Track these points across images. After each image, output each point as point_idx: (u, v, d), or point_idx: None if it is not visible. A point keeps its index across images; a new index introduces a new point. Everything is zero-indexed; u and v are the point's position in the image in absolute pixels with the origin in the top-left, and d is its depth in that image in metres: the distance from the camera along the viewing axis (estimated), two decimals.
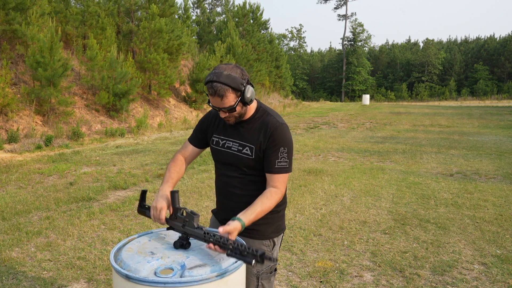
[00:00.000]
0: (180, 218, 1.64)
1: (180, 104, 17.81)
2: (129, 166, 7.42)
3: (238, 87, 1.62)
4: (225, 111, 1.68)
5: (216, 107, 1.68)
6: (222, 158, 1.84)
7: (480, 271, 3.26)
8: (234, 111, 1.68)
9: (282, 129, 1.74)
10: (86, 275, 3.16)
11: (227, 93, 1.61)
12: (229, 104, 1.64)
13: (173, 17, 18.11)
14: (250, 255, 1.38)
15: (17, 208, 4.81)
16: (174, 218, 1.67)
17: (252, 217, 1.61)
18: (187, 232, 1.60)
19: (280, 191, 1.73)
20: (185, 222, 1.61)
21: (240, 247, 1.41)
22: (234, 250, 1.42)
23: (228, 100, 1.63)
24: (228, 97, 1.63)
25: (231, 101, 1.64)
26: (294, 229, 4.21)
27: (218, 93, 1.61)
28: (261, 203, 1.66)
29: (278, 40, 46.22)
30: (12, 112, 9.99)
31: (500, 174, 6.81)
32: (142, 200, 1.84)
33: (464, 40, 60.36)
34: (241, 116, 1.75)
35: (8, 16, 10.66)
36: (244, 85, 1.65)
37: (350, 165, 7.81)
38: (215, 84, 1.61)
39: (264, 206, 1.67)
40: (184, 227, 1.61)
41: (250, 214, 1.61)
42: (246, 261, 1.38)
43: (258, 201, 1.67)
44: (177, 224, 1.65)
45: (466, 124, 15.70)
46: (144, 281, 1.30)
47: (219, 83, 1.60)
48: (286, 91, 32.40)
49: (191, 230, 1.58)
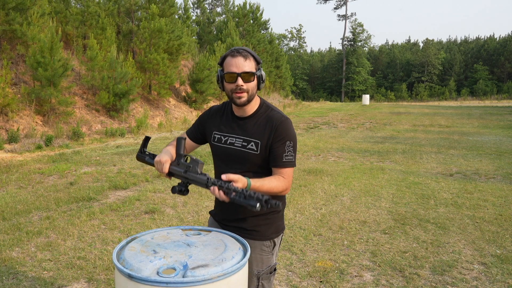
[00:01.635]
0: (183, 165, 1.60)
1: (180, 104, 17.81)
2: (129, 166, 7.42)
3: (258, 59, 1.72)
4: (244, 77, 1.67)
5: (235, 72, 1.66)
6: (225, 154, 1.82)
7: (480, 271, 3.27)
8: (252, 80, 1.69)
9: (287, 123, 1.74)
10: (86, 275, 3.17)
11: (250, 57, 1.68)
12: (250, 69, 1.67)
13: (173, 17, 18.11)
14: (255, 199, 1.36)
15: (18, 208, 4.82)
16: (176, 165, 1.63)
17: (258, 184, 1.59)
18: (188, 177, 1.56)
19: (288, 181, 1.72)
20: (188, 168, 1.57)
21: (245, 192, 1.39)
22: (238, 194, 1.40)
23: (250, 64, 1.68)
24: (251, 62, 1.68)
25: (252, 67, 1.68)
26: (294, 229, 4.21)
27: (242, 53, 1.67)
28: (269, 180, 1.66)
29: (278, 40, 46.22)
30: (12, 112, 10.00)
31: (500, 174, 6.81)
32: (144, 146, 1.80)
33: (464, 40, 60.35)
34: (251, 98, 1.73)
35: (8, 16, 10.66)
36: (260, 65, 1.74)
37: (350, 165, 7.81)
38: (239, 49, 1.69)
39: (272, 184, 1.65)
40: (186, 172, 1.57)
41: (257, 181, 1.59)
42: (251, 205, 1.36)
43: (267, 178, 1.67)
44: (178, 170, 1.61)
45: (466, 124, 15.70)
46: (146, 280, 1.30)
47: (243, 49, 1.69)
48: (286, 91, 32.39)
49: (194, 175, 1.54)
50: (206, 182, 1.50)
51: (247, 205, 1.38)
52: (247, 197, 1.38)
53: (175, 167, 1.64)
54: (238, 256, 1.49)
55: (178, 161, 1.63)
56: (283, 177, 1.71)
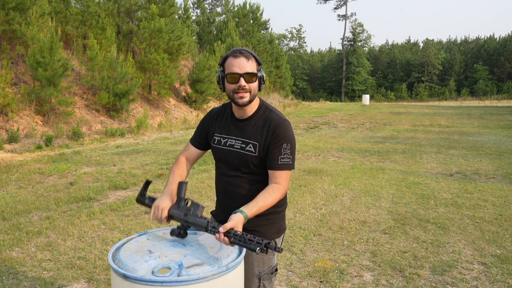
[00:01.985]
0: (183, 208, 1.61)
1: (180, 104, 17.82)
2: (129, 166, 7.42)
3: (259, 60, 1.73)
4: (246, 78, 1.67)
5: (236, 73, 1.66)
6: (224, 156, 1.82)
7: (480, 271, 3.27)
8: (254, 80, 1.69)
9: (285, 126, 1.73)
10: (86, 275, 3.17)
11: (251, 58, 1.69)
12: (252, 70, 1.68)
13: (173, 17, 18.12)
14: (254, 243, 1.38)
15: (18, 208, 4.82)
16: (176, 208, 1.64)
17: (255, 210, 1.59)
18: (188, 220, 1.58)
19: (283, 187, 1.71)
20: (188, 212, 1.59)
21: (245, 235, 1.40)
22: (238, 238, 1.41)
23: (252, 64, 1.68)
24: (253, 63, 1.69)
25: (254, 68, 1.69)
26: (294, 229, 4.21)
27: (244, 54, 1.67)
28: (263, 198, 1.64)
29: (278, 40, 46.22)
30: (12, 112, 10.00)
31: (500, 174, 6.81)
32: (144, 189, 1.81)
33: (464, 40, 60.35)
34: (253, 98, 1.73)
35: (8, 16, 10.67)
36: (261, 67, 1.75)
37: (350, 165, 7.81)
38: (241, 49, 1.69)
39: (266, 201, 1.64)
40: (187, 216, 1.59)
41: (252, 207, 1.59)
42: (251, 249, 1.37)
43: (260, 195, 1.65)
44: (178, 213, 1.62)
45: (466, 124, 15.70)
46: (141, 280, 1.30)
47: (244, 50, 1.70)
48: (286, 91, 32.39)
49: (194, 219, 1.56)
50: (206, 226, 1.52)
51: (248, 249, 1.41)
52: (247, 241, 1.40)
53: (175, 210, 1.64)
54: (233, 254, 1.50)
55: (178, 204, 1.64)
56: (278, 183, 1.70)
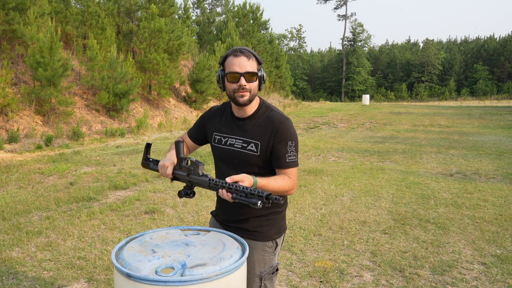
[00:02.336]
0: (185, 168, 1.63)
1: (180, 104, 17.81)
2: (129, 166, 7.42)
3: (260, 60, 1.72)
4: (247, 77, 1.66)
5: (237, 72, 1.65)
6: (225, 156, 1.81)
7: (480, 271, 3.27)
8: (255, 80, 1.69)
9: (287, 124, 1.73)
10: (86, 275, 3.17)
11: (252, 57, 1.68)
12: (253, 69, 1.67)
13: (173, 17, 18.12)
14: (256, 196, 1.37)
15: (18, 208, 4.82)
16: (178, 168, 1.66)
17: (265, 182, 1.58)
18: (192, 180, 1.60)
19: (293, 181, 1.71)
20: (190, 171, 1.61)
21: (246, 189, 1.39)
22: (239, 193, 1.41)
23: (252, 64, 1.67)
24: (253, 62, 1.68)
25: (254, 67, 1.68)
26: (294, 229, 4.21)
27: (245, 53, 1.67)
28: (275, 179, 1.65)
29: (278, 40, 46.21)
30: (12, 112, 10.00)
31: (500, 174, 6.81)
32: (147, 153, 1.85)
33: (464, 40, 60.37)
34: (252, 98, 1.72)
35: (8, 16, 10.67)
36: (262, 64, 1.74)
37: (350, 165, 7.81)
38: (242, 49, 1.69)
39: (278, 182, 1.64)
40: (189, 175, 1.61)
41: (263, 179, 1.59)
42: (252, 203, 1.36)
43: (272, 177, 1.66)
44: (181, 174, 1.65)
45: (466, 124, 15.70)
46: (145, 279, 1.30)
47: (244, 49, 1.69)
48: (286, 91, 32.40)
49: (196, 178, 1.58)
50: (208, 183, 1.53)
51: (249, 203, 1.38)
52: (248, 195, 1.39)
53: (177, 171, 1.67)
54: (236, 255, 1.49)
55: (179, 164, 1.66)
56: (289, 177, 1.71)
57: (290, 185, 1.69)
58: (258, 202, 1.35)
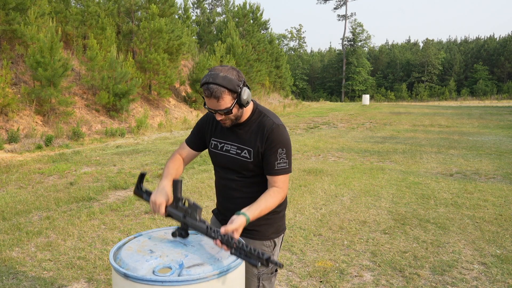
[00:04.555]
0: (181, 208, 1.58)
1: (180, 104, 17.81)
2: (129, 166, 7.42)
3: (235, 88, 1.60)
4: (222, 114, 1.66)
5: (212, 110, 1.66)
6: (221, 161, 1.83)
7: (480, 271, 3.27)
8: (231, 113, 1.66)
9: (278, 130, 1.72)
10: (86, 275, 3.17)
11: (223, 94, 1.59)
12: (226, 106, 1.62)
13: (173, 17, 18.11)
14: (255, 257, 1.35)
15: (18, 208, 4.82)
16: (174, 207, 1.61)
17: (257, 212, 1.59)
18: (187, 223, 1.55)
19: (283, 190, 1.72)
20: (187, 213, 1.56)
21: (246, 248, 1.38)
22: (239, 250, 1.40)
23: (224, 102, 1.61)
24: (225, 99, 1.60)
25: (228, 103, 1.62)
26: (294, 229, 4.21)
27: (214, 94, 1.59)
28: (265, 200, 1.65)
29: (278, 40, 46.24)
30: (12, 112, 10.00)
31: (500, 174, 6.81)
32: (140, 182, 1.79)
33: (464, 40, 60.34)
34: (238, 119, 1.73)
35: (8, 16, 10.67)
36: (241, 87, 1.62)
37: (350, 165, 7.81)
38: (211, 86, 1.59)
39: (268, 203, 1.66)
40: (185, 218, 1.56)
41: (254, 210, 1.59)
42: (251, 263, 1.36)
43: (262, 198, 1.66)
44: (177, 214, 1.59)
45: (466, 124, 15.70)
46: (142, 279, 1.31)
47: (215, 84, 1.58)
48: (286, 91, 32.40)
49: (193, 222, 1.53)
50: (206, 230, 1.50)
51: (248, 262, 1.38)
52: (248, 255, 1.38)
53: (173, 210, 1.61)
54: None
55: (176, 204, 1.61)
56: (278, 187, 1.71)
57: (279, 197, 1.70)
58: (258, 264, 1.34)
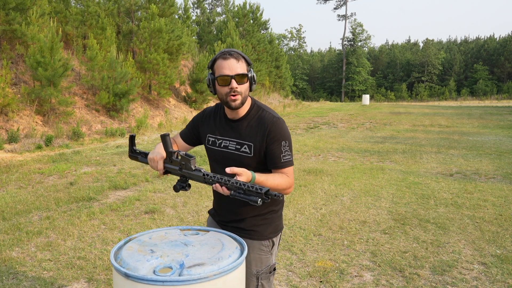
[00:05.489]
0: (176, 162, 1.61)
1: (180, 104, 17.81)
2: (129, 166, 7.42)
3: (249, 61, 1.71)
4: (237, 79, 1.65)
5: (228, 75, 1.64)
6: (219, 158, 1.82)
7: (480, 271, 3.27)
8: (246, 80, 1.68)
9: (279, 124, 1.73)
10: (86, 275, 3.17)
11: (241, 59, 1.67)
12: (243, 70, 1.66)
13: (173, 17, 18.11)
14: (254, 193, 1.35)
15: (18, 208, 4.82)
16: (169, 162, 1.63)
17: (263, 178, 1.59)
18: (185, 175, 1.57)
19: (291, 179, 1.71)
20: (182, 165, 1.58)
21: (243, 186, 1.37)
22: (238, 190, 1.40)
23: (242, 65, 1.66)
24: (243, 63, 1.67)
25: (244, 69, 1.67)
26: (294, 229, 4.21)
27: (234, 55, 1.65)
28: (273, 177, 1.66)
29: (278, 40, 46.22)
30: (12, 112, 10.00)
31: (500, 174, 6.81)
32: (132, 145, 1.81)
33: (464, 40, 60.34)
34: (244, 100, 1.71)
35: (8, 16, 10.67)
36: (251, 66, 1.72)
37: (350, 165, 7.81)
38: (231, 51, 1.67)
39: (276, 180, 1.65)
40: (182, 170, 1.58)
41: (261, 176, 1.59)
42: (252, 200, 1.35)
43: (271, 174, 1.67)
44: (173, 168, 1.61)
45: (466, 124, 15.70)
46: (142, 279, 1.31)
47: (233, 51, 1.67)
48: (286, 91, 32.39)
49: (189, 172, 1.55)
50: (203, 178, 1.51)
51: (249, 201, 1.36)
52: (247, 192, 1.37)
53: (168, 164, 1.64)
54: (235, 255, 1.50)
55: (169, 158, 1.64)
56: (287, 175, 1.71)
57: (288, 183, 1.69)
58: (258, 200, 1.33)
